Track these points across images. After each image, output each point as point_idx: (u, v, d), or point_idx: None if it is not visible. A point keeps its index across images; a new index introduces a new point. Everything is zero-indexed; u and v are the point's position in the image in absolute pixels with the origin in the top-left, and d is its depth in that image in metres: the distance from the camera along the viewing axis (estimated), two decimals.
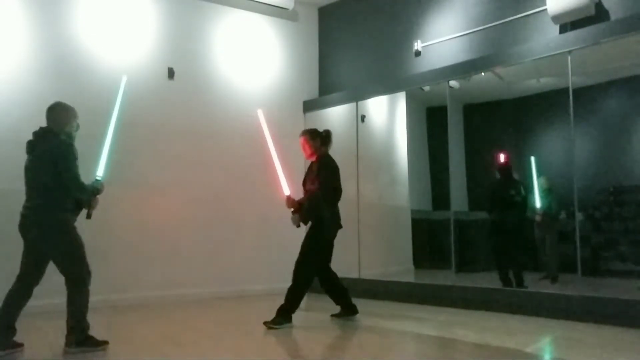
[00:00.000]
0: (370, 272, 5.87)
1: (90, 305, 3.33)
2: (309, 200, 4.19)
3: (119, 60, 5.50)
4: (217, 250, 5.92)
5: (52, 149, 3.28)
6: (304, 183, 4.41)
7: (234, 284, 5.98)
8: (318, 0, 6.93)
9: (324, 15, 7.05)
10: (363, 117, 6.33)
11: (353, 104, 6.31)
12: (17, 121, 4.89)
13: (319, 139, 4.37)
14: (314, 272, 4.25)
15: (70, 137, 3.43)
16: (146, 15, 5.74)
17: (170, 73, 5.82)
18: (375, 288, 5.65)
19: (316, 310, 4.36)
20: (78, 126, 3.51)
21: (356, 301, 4.44)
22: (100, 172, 3.47)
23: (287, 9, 6.59)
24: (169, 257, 5.59)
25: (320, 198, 4.15)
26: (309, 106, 6.76)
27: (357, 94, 6.30)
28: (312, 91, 6.96)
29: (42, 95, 5.04)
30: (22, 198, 4.93)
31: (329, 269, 4.40)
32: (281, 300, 4.14)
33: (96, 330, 3.51)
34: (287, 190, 4.42)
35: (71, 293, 3.27)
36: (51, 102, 5.08)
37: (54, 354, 3.24)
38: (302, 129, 6.71)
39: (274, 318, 4.08)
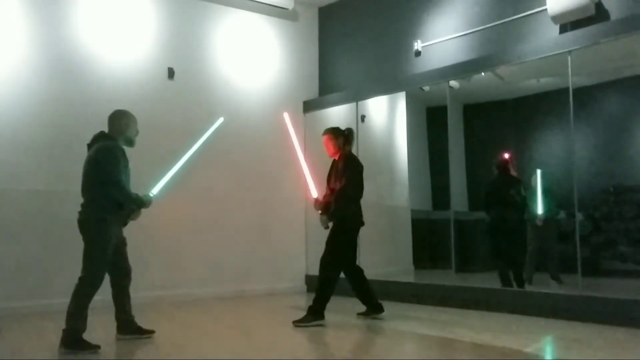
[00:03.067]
0: (370, 272, 5.84)
1: (91, 305, 3.33)
2: (336, 202, 4.22)
3: (119, 60, 5.50)
4: (218, 250, 5.92)
5: (96, 151, 3.40)
6: (328, 180, 4.44)
7: (234, 284, 5.98)
8: (318, 0, 6.93)
9: (324, 15, 7.05)
10: (363, 117, 6.33)
11: (353, 104, 6.31)
12: (16, 121, 4.90)
13: (342, 138, 4.42)
14: (339, 269, 4.28)
15: (129, 141, 3.58)
16: (146, 15, 5.73)
17: (170, 73, 5.82)
18: (376, 288, 5.64)
19: None
20: (137, 132, 3.63)
21: (356, 301, 4.43)
22: (155, 190, 3.61)
23: (287, 9, 6.59)
24: (169, 257, 5.59)
25: (346, 196, 4.21)
26: (309, 106, 6.76)
27: (357, 94, 6.30)
28: (312, 91, 6.96)
29: (41, 95, 5.05)
30: (19, 198, 4.95)
31: (355, 266, 4.45)
32: (281, 300, 4.15)
33: (95, 329, 3.51)
34: (315, 193, 4.51)
35: (75, 291, 3.30)
36: (51, 102, 5.12)
37: (53, 354, 3.24)
38: (302, 129, 6.76)
39: (303, 317, 4.12)
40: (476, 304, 4.88)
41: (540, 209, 5.62)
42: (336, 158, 4.43)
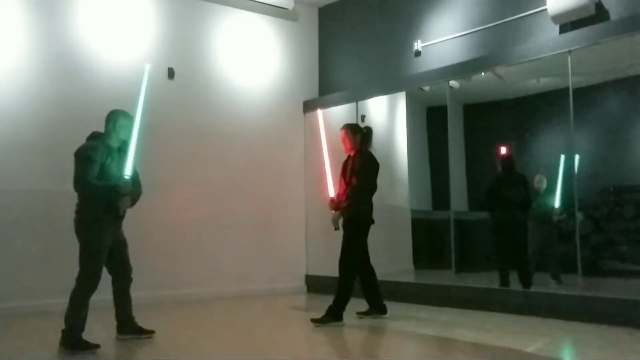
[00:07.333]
0: None
1: (91, 305, 3.34)
2: (351, 199, 4.23)
3: (119, 60, 5.50)
4: (218, 250, 5.92)
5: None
6: (343, 176, 4.42)
7: (234, 284, 5.99)
8: (318, 0, 6.93)
9: (324, 15, 7.05)
10: (363, 117, 6.33)
11: (353, 104, 6.31)
12: (15, 121, 4.90)
13: (359, 135, 4.42)
14: (356, 270, 4.31)
15: (111, 139, 3.49)
16: (146, 15, 5.74)
17: (170, 73, 5.82)
18: None
19: (317, 311, 4.36)
20: (117, 128, 3.49)
21: (356, 301, 4.44)
22: (127, 172, 3.42)
23: (287, 9, 6.59)
24: (169, 257, 5.59)
25: (362, 195, 4.24)
26: (309, 106, 6.76)
27: (357, 94, 6.30)
28: (312, 91, 6.96)
29: (41, 95, 5.06)
30: (18, 198, 4.94)
31: (369, 265, 4.49)
32: (281, 300, 4.14)
33: (95, 329, 3.52)
34: (332, 192, 4.46)
35: (72, 291, 3.30)
36: (50, 101, 5.12)
37: (52, 354, 3.24)
38: (302, 129, 6.77)
39: (322, 316, 4.14)
40: (476, 304, 4.88)
41: (556, 203, 5.57)
42: (351, 154, 4.43)
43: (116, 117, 3.53)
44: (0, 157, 4.81)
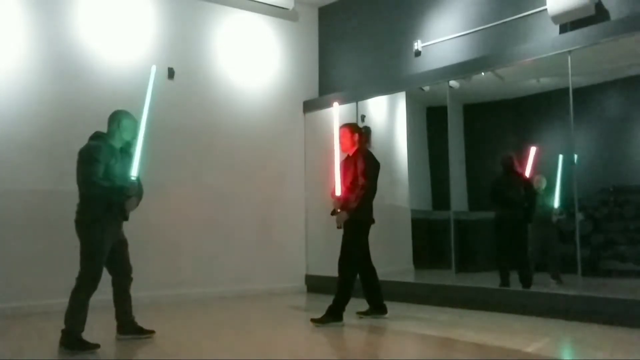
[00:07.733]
0: None
1: (90, 304, 3.34)
2: (356, 200, 4.21)
3: (119, 60, 5.50)
4: (218, 250, 5.92)
5: (78, 152, 3.41)
6: (344, 176, 4.39)
7: (234, 284, 5.98)
8: (318, 0, 6.93)
9: (324, 15, 7.05)
10: (363, 117, 6.32)
11: (353, 104, 6.30)
12: (15, 121, 4.90)
13: (357, 134, 4.42)
14: (355, 270, 4.32)
15: (114, 139, 3.49)
16: (146, 15, 5.73)
17: (170, 73, 5.82)
18: None
19: (317, 311, 4.36)
20: (121, 128, 3.49)
21: (356, 301, 4.44)
22: (134, 173, 3.41)
23: (287, 9, 6.59)
24: (169, 257, 5.59)
25: (367, 196, 4.25)
26: (309, 106, 6.76)
27: (357, 94, 6.29)
28: (312, 91, 6.96)
29: (41, 95, 5.06)
30: (18, 198, 4.94)
31: (370, 264, 4.49)
32: (281, 300, 4.14)
33: (95, 329, 3.51)
34: (339, 192, 4.39)
35: (72, 291, 3.30)
36: (50, 101, 5.12)
37: (52, 354, 3.24)
38: (302, 128, 6.77)
39: (322, 316, 4.14)
40: (476, 304, 4.88)
41: (556, 203, 5.57)
42: (350, 154, 4.43)
43: (120, 118, 3.52)
44: (0, 157, 4.80)
